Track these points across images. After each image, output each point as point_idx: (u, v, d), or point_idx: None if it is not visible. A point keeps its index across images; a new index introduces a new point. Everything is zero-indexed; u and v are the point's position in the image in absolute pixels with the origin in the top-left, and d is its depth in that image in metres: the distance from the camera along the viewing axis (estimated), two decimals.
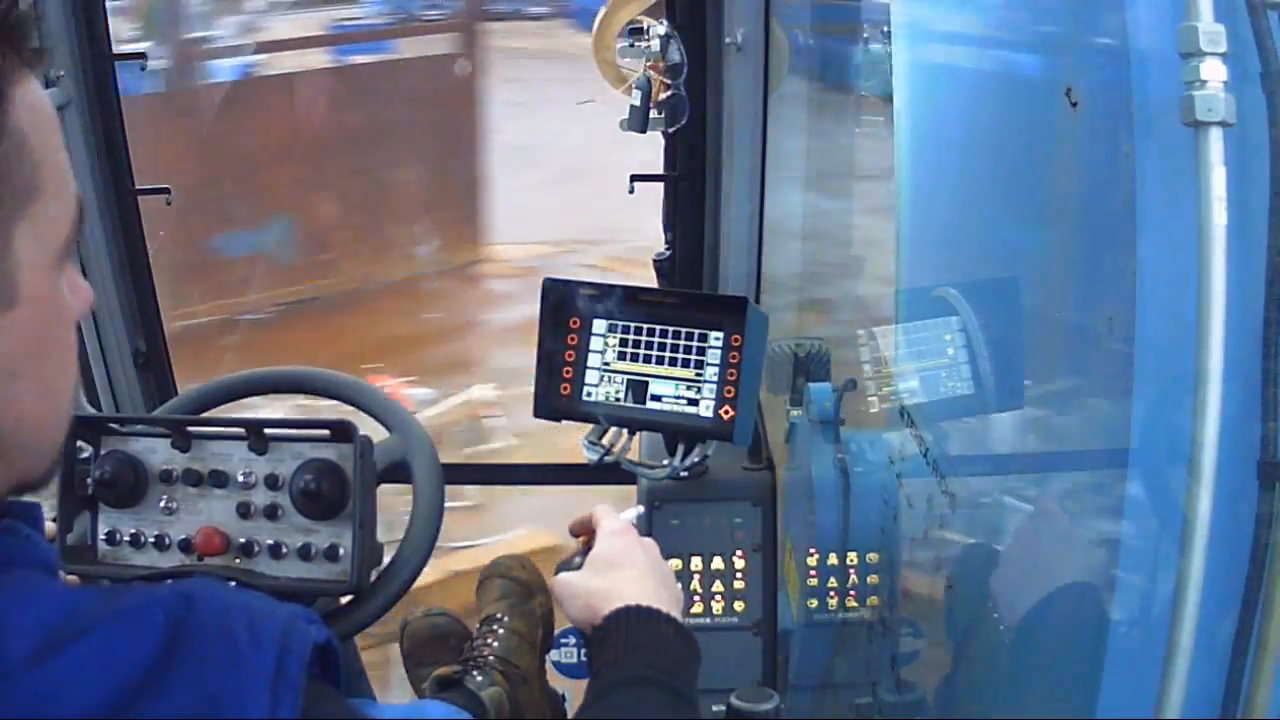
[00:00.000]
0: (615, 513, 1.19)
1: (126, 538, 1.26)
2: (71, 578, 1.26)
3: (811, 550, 1.67)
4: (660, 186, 2.04)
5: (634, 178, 2.02)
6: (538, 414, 1.61)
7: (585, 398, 1.59)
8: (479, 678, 1.67)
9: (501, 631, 1.76)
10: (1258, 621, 0.89)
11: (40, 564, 0.72)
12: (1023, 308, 1.34)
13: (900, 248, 1.70)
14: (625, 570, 1.07)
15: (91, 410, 1.96)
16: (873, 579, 1.64)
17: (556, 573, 1.13)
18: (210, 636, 0.63)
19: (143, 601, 0.65)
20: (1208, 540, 0.87)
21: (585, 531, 1.17)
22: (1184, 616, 0.88)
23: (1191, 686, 0.89)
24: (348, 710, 0.71)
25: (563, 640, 1.96)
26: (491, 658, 1.71)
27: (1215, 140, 0.80)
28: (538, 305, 1.63)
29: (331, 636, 0.69)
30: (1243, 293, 0.84)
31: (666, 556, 1.56)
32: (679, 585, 1.15)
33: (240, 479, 1.25)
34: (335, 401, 1.49)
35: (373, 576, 1.28)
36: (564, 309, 1.59)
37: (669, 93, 1.84)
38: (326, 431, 1.25)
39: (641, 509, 1.43)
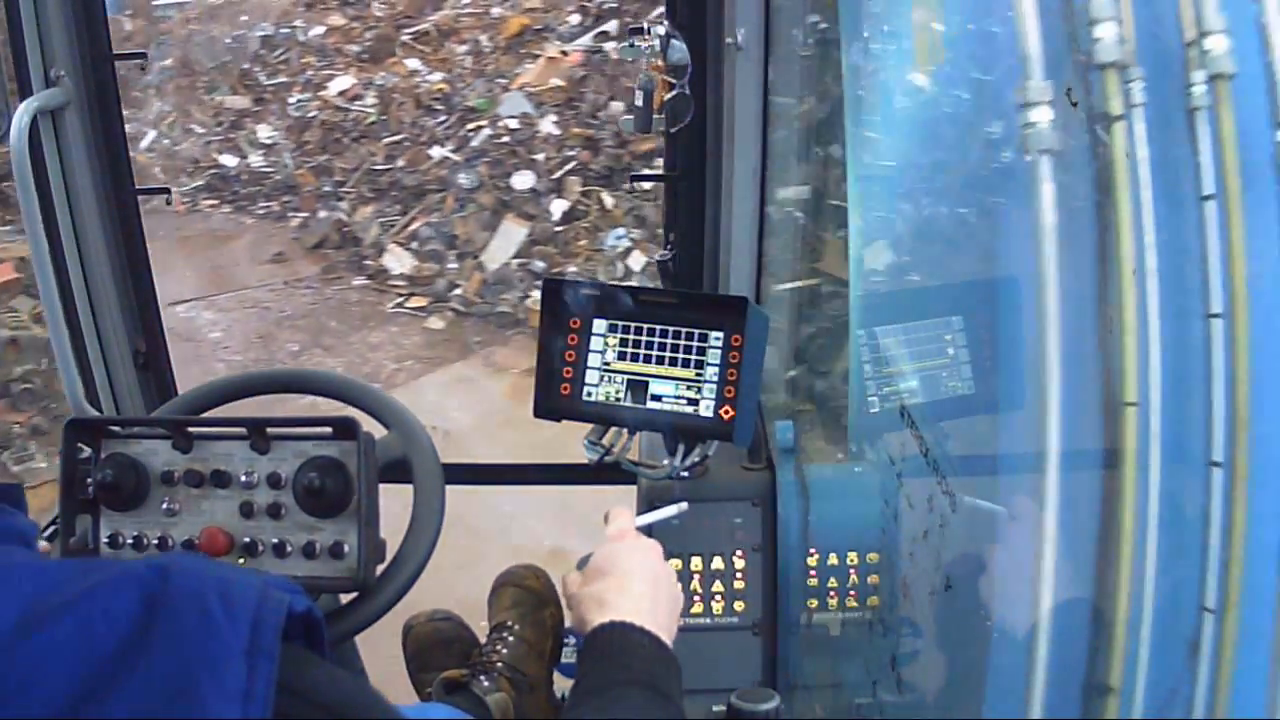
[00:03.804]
0: (627, 514, 1.23)
1: (129, 540, 1.27)
2: (44, 544, 1.26)
3: (811, 550, 1.67)
4: None
5: (633, 177, 2.02)
6: (538, 413, 1.61)
7: (585, 397, 1.59)
8: (485, 683, 1.67)
9: (511, 639, 1.76)
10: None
11: (19, 538, 0.73)
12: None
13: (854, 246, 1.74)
14: (612, 578, 1.10)
15: (92, 411, 1.96)
16: (873, 579, 1.64)
17: (578, 567, 1.16)
18: (185, 608, 0.64)
19: (118, 576, 0.65)
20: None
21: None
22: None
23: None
24: (328, 674, 0.71)
25: (565, 641, 1.96)
26: (500, 664, 1.71)
27: (1045, 164, 1.03)
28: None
29: (312, 605, 0.70)
30: (1078, 285, 1.03)
31: (666, 557, 1.56)
32: (678, 588, 1.17)
33: (242, 479, 1.26)
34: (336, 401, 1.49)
35: (377, 573, 1.29)
36: (564, 309, 1.59)
37: (673, 93, 1.84)
38: (329, 429, 1.25)
39: (684, 506, 1.41)
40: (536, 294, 6.08)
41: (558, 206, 6.55)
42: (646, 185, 6.30)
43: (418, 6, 8.56)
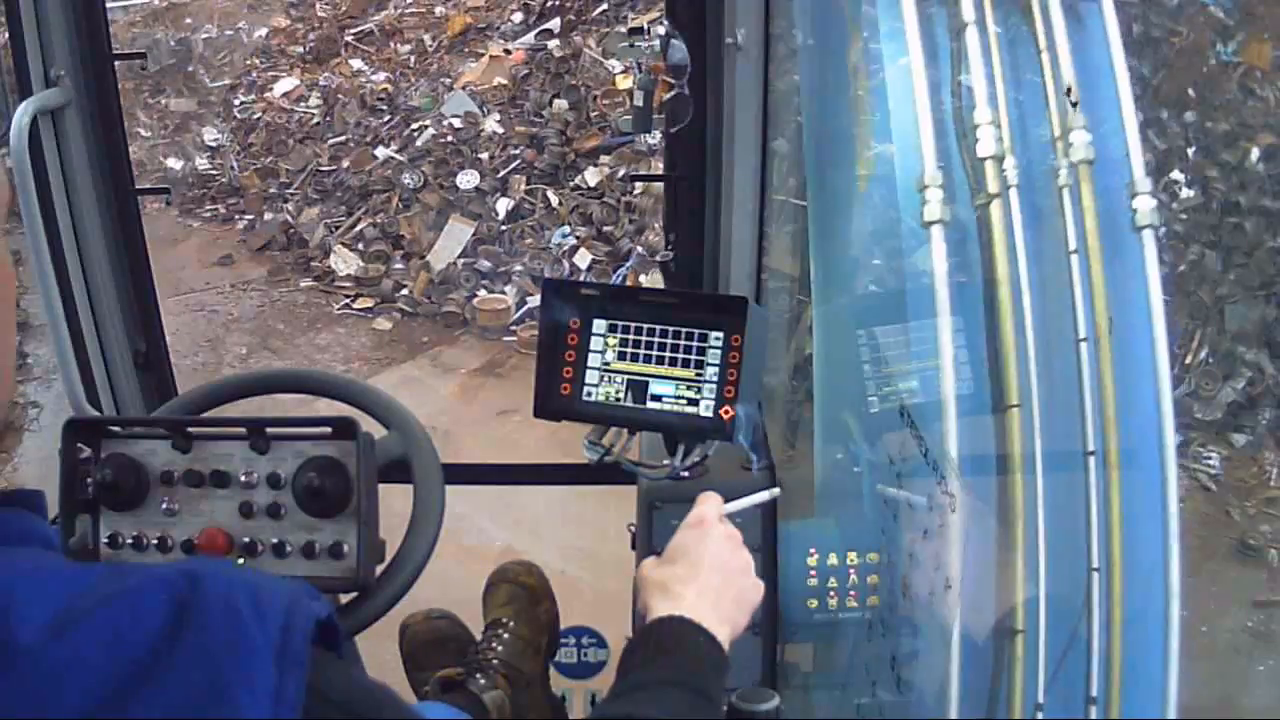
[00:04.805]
0: (714, 500, 1.21)
1: (129, 540, 1.26)
2: None
3: (811, 550, 1.67)
4: None
5: (633, 178, 2.02)
6: (538, 414, 1.61)
7: (585, 398, 1.58)
8: (481, 680, 1.67)
9: (507, 636, 1.76)
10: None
11: (44, 542, 0.74)
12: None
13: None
14: (681, 567, 1.09)
15: (92, 411, 1.96)
16: (872, 579, 1.64)
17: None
18: (215, 614, 0.64)
19: (148, 580, 0.65)
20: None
21: None
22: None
23: None
24: (352, 678, 0.72)
25: (562, 640, 1.96)
26: (495, 661, 1.71)
27: (937, 231, 1.36)
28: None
29: (332, 611, 0.70)
30: (973, 317, 1.37)
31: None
32: (751, 579, 1.15)
33: (242, 479, 1.25)
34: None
35: (376, 573, 1.29)
36: (564, 309, 1.59)
37: (672, 93, 1.84)
38: (328, 429, 1.25)
39: (776, 491, 1.41)
40: (483, 293, 6.12)
41: (503, 205, 6.56)
42: (592, 182, 6.32)
43: (361, 7, 8.59)
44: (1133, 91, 1.39)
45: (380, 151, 7.13)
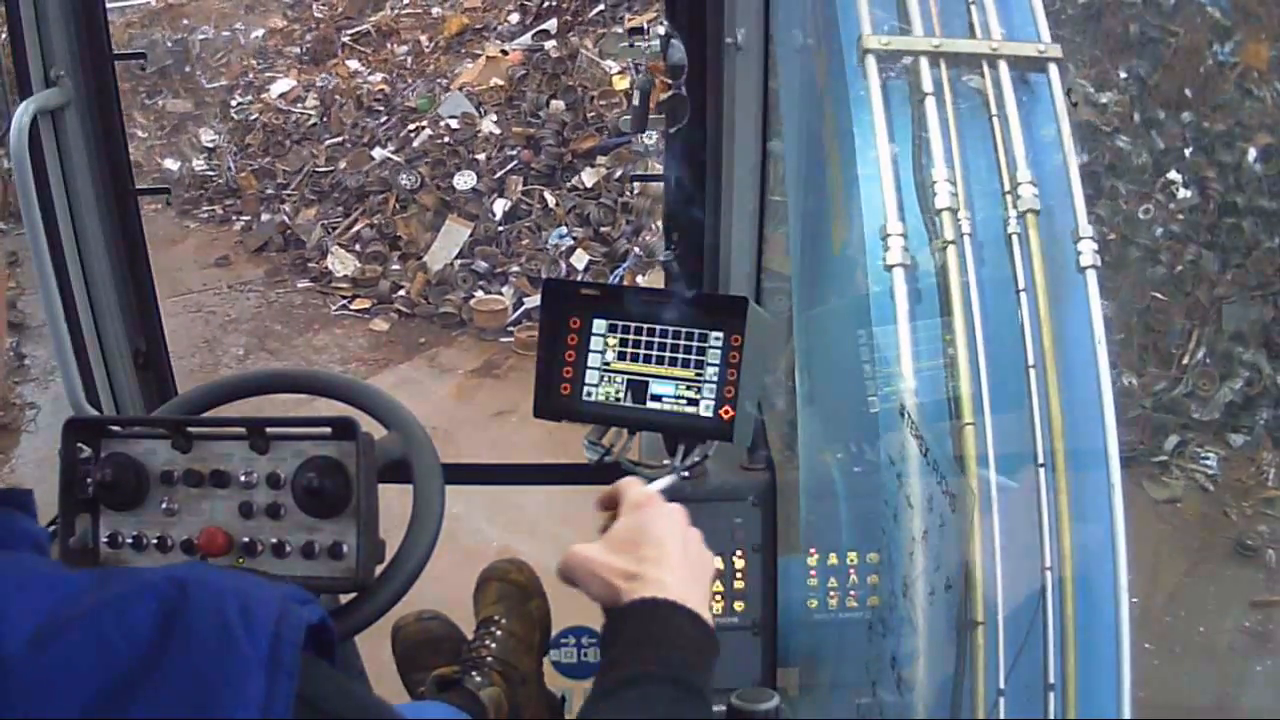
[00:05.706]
0: (642, 483, 1.12)
1: (129, 540, 1.26)
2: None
3: (811, 550, 1.67)
4: None
5: (633, 178, 2.02)
6: (538, 414, 1.61)
7: (585, 398, 1.58)
8: (477, 678, 1.67)
9: (499, 633, 1.76)
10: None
11: (33, 544, 0.73)
12: None
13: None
14: (646, 548, 0.99)
15: (91, 411, 1.96)
16: (873, 579, 1.64)
17: None
18: (204, 623, 0.63)
19: (136, 587, 0.65)
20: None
21: (612, 505, 1.10)
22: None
23: None
24: (342, 685, 0.71)
25: (562, 640, 1.96)
26: (490, 659, 1.71)
27: (899, 272, 1.53)
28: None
29: (325, 614, 0.70)
30: (930, 342, 1.54)
31: None
32: (709, 552, 1.08)
33: (242, 478, 1.25)
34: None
35: (375, 573, 1.29)
36: (564, 309, 1.59)
37: (670, 93, 1.84)
38: (328, 429, 1.25)
39: (675, 477, 1.40)
40: (480, 294, 6.11)
41: (500, 206, 6.57)
42: (589, 183, 6.33)
43: (358, 7, 8.60)
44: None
45: (377, 152, 7.14)
